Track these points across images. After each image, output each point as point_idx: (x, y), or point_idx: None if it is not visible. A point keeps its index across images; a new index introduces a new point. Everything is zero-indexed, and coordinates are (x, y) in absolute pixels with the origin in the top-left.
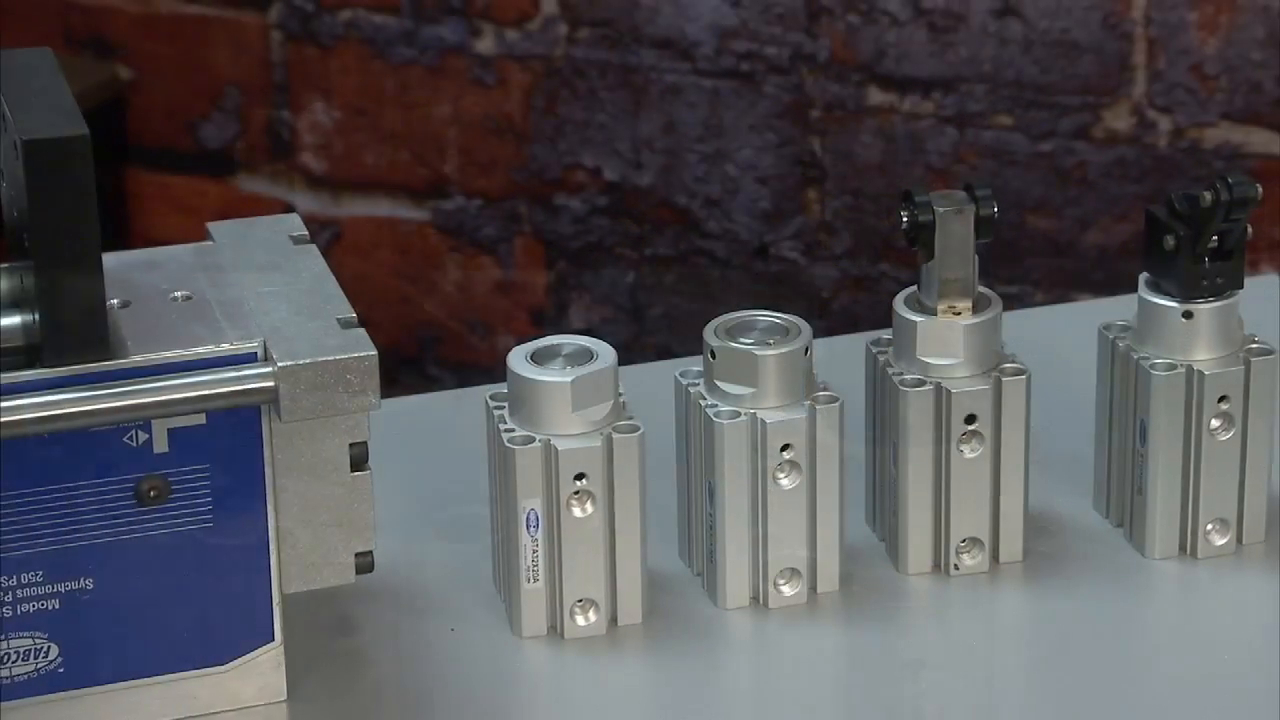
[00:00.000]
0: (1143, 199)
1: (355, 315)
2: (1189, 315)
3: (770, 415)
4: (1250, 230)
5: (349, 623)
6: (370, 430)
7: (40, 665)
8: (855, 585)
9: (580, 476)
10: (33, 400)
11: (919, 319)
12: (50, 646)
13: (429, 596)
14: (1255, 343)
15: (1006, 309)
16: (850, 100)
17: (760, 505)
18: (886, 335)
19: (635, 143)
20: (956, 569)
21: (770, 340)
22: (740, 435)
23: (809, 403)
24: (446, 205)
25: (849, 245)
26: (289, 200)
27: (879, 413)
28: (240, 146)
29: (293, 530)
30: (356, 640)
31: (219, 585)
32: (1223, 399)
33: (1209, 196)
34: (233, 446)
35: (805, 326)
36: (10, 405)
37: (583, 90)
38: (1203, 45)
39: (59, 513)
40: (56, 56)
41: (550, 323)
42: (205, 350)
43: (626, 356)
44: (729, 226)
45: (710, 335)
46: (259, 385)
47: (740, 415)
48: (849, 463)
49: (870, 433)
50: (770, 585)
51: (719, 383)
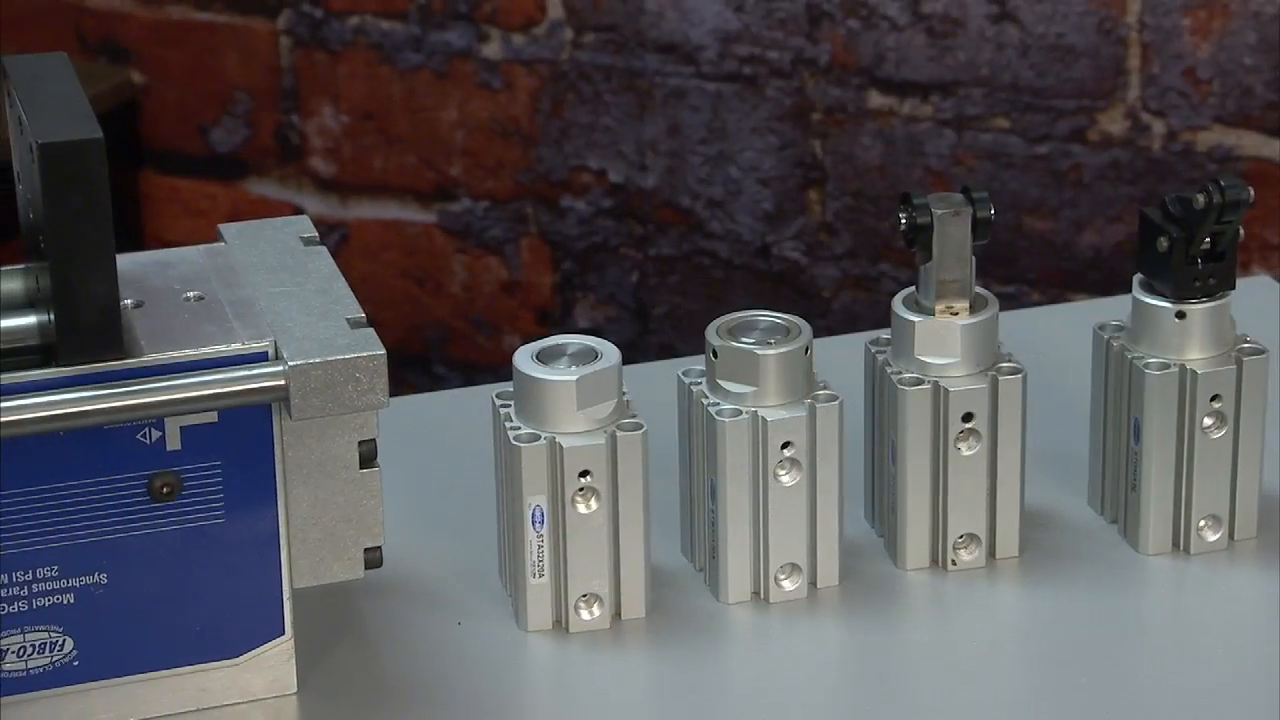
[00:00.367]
0: (1137, 201)
1: (364, 315)
2: (1182, 315)
3: (771, 413)
4: (1242, 232)
5: (358, 617)
6: (379, 428)
7: (56, 658)
8: (854, 580)
9: (585, 473)
10: (48, 399)
11: (917, 319)
12: (65, 640)
13: (436, 591)
14: (1247, 342)
15: (1003, 309)
16: (851, 103)
17: (761, 502)
18: (885, 335)
19: (640, 145)
20: (954, 564)
21: (771, 340)
22: (742, 433)
23: (809, 401)
24: (453, 207)
25: (849, 246)
26: (298, 203)
27: (878, 411)
28: (250, 150)
29: (303, 526)
30: (365, 634)
31: (230, 580)
32: (1215, 398)
33: (1202, 199)
34: (244, 444)
35: (805, 326)
36: (26, 404)
37: (588, 94)
38: (1196, 50)
39: (74, 509)
40: (71, 62)
41: (556, 323)
42: (217, 350)
43: (630, 356)
44: (731, 227)
45: (712, 335)
46: (270, 384)
47: (742, 413)
48: (848, 460)
49: (869, 431)
50: (771, 580)
51: (721, 381)
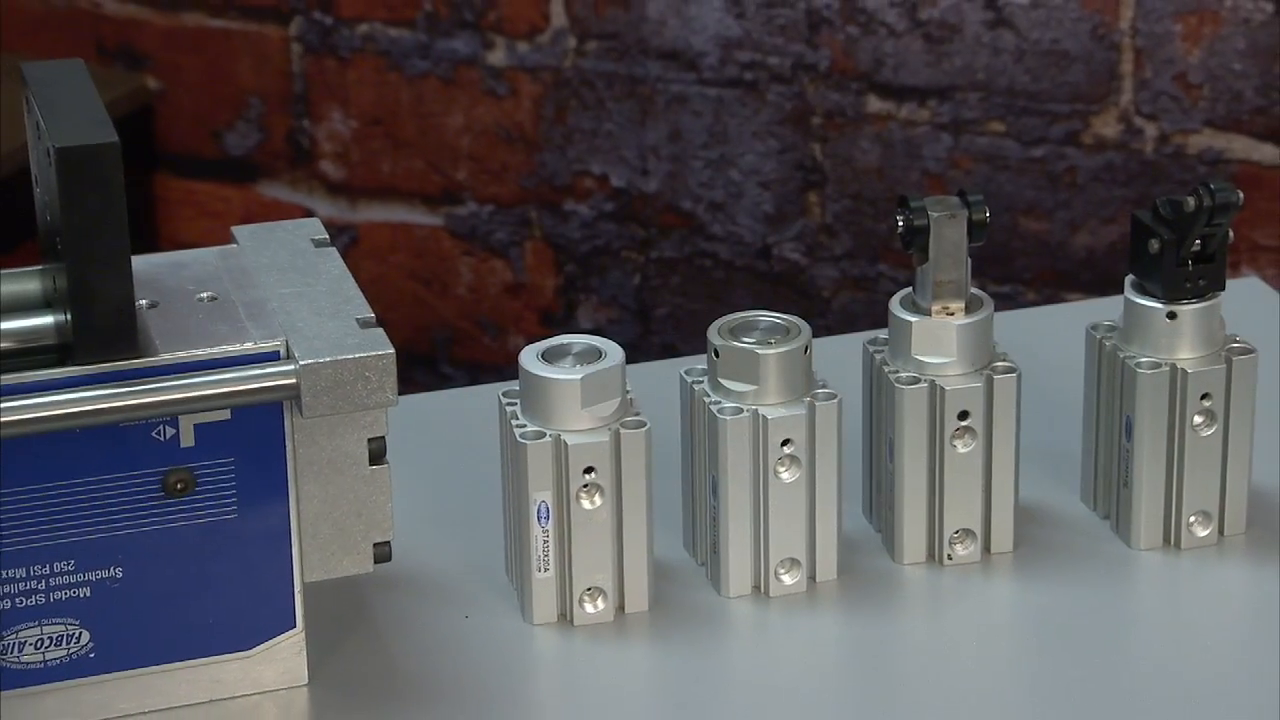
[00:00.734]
0: (1130, 203)
1: (373, 315)
2: (1173, 316)
3: (771, 411)
4: (1232, 234)
5: (368, 610)
6: (388, 426)
7: (72, 650)
8: (853, 574)
9: (589, 470)
10: (65, 397)
11: (914, 319)
12: (82, 633)
13: (444, 585)
14: (1236, 342)
15: (998, 308)
16: (850, 108)
17: (761, 498)
18: (883, 335)
19: (642, 150)
20: (950, 559)
21: (771, 339)
22: (743, 431)
23: (809, 399)
24: (460, 211)
25: (848, 247)
26: (309, 206)
27: (876, 409)
28: (263, 154)
29: (314, 521)
30: (375, 627)
31: (243, 574)
32: (1205, 396)
33: (1192, 202)
34: (256, 441)
35: (805, 326)
36: (43, 401)
37: (591, 100)
38: (1187, 56)
39: (90, 504)
40: (88, 68)
41: (559, 324)
42: (230, 349)
43: (632, 356)
44: (732, 230)
45: (714, 335)
46: (281, 382)
47: (743, 411)
48: (847, 457)
49: (867, 428)
50: (771, 574)
51: (722, 380)
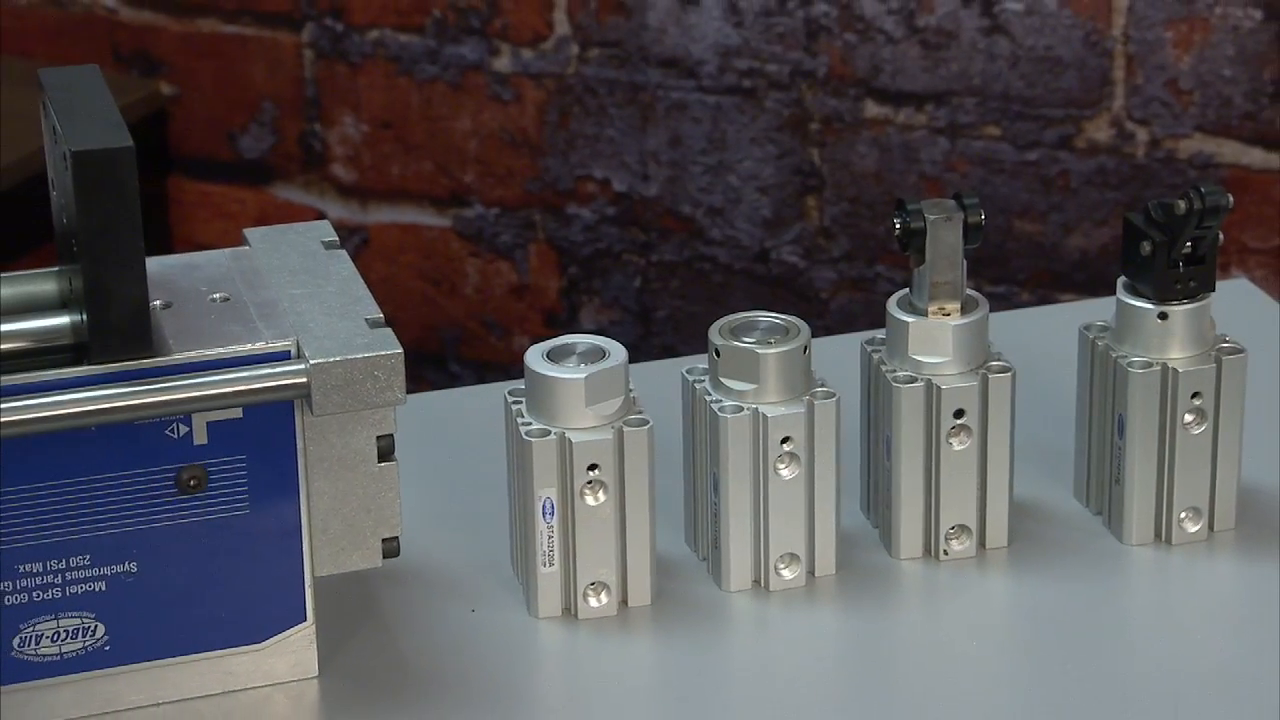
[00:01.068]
0: (1122, 206)
1: (382, 316)
2: (1164, 316)
3: (771, 410)
4: (1222, 236)
5: (377, 604)
6: (396, 424)
7: (88, 643)
8: (851, 569)
9: (593, 467)
10: (81, 395)
11: (911, 320)
12: (97, 626)
13: (451, 579)
14: (1226, 342)
15: (993, 309)
16: (847, 113)
17: (762, 494)
18: (880, 335)
19: (642, 155)
20: (946, 554)
21: (771, 339)
22: (743, 429)
23: (808, 398)
24: (467, 213)
25: (846, 249)
26: (320, 208)
27: (873, 408)
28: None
29: (324, 517)
30: (384, 620)
31: (255, 568)
32: (1196, 395)
33: (1183, 205)
34: (268, 439)
35: (804, 326)
36: (60, 400)
37: (593, 106)
38: (1178, 62)
39: (105, 501)
40: (104, 73)
41: (562, 325)
42: (242, 348)
43: (633, 357)
44: (731, 233)
45: (715, 335)
46: (292, 381)
47: (743, 410)
48: (845, 454)
49: (865, 426)
50: (771, 569)
51: (723, 379)
